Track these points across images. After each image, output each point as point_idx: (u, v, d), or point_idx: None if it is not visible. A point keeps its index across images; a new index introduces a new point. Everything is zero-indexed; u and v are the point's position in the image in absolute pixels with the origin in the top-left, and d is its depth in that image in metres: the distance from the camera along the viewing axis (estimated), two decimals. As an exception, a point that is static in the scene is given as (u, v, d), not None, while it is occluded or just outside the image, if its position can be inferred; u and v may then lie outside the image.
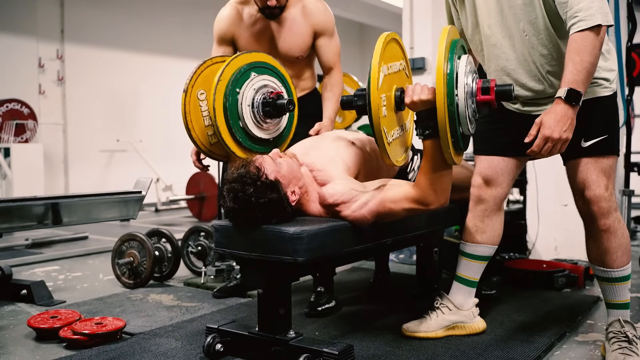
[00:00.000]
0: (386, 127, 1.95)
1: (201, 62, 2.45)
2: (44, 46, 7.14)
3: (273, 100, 2.32)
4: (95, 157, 7.64)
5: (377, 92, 1.87)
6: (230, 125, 2.27)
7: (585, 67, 1.89)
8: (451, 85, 1.86)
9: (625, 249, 2.15)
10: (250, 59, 2.37)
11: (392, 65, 2.00)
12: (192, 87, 2.38)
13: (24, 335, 2.52)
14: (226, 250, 2.11)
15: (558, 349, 2.32)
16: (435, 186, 2.00)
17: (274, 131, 2.44)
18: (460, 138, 1.96)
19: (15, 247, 4.62)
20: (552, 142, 1.90)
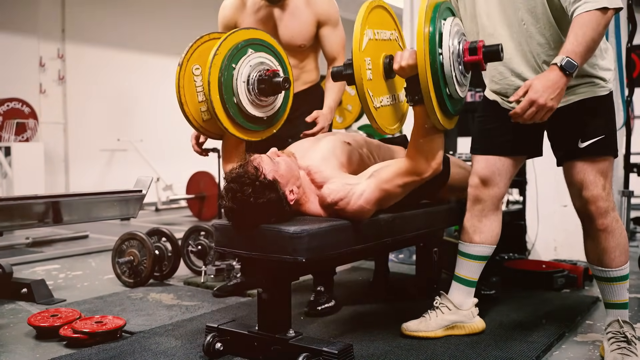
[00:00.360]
0: (372, 91, 1.93)
1: (198, 37, 2.39)
2: (44, 45, 7.14)
3: (269, 77, 2.26)
4: (96, 156, 7.64)
5: (359, 54, 1.87)
6: (225, 100, 2.20)
7: (586, 41, 1.85)
8: (433, 45, 1.83)
9: (623, 248, 2.15)
10: (247, 35, 2.31)
11: (380, 32, 1.99)
12: (188, 62, 2.33)
13: (24, 333, 2.52)
14: (226, 250, 2.11)
15: (557, 349, 2.32)
16: (425, 154, 2.01)
17: (269, 110, 2.36)
18: (448, 100, 1.93)
19: (15, 246, 4.62)
20: (537, 108, 1.85)
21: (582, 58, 1.86)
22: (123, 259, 3.38)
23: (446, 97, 1.91)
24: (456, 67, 1.89)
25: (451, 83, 1.90)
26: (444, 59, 1.86)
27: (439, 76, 1.86)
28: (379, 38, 2.00)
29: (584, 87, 2.10)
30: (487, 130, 2.38)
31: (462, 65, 1.92)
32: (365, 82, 1.90)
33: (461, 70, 1.93)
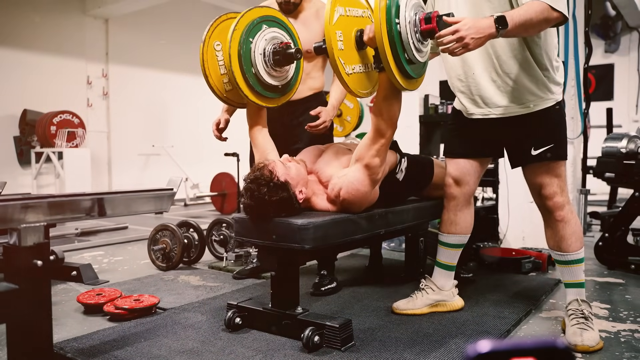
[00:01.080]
0: (343, 59, 1.89)
1: (217, 17, 2.33)
2: (91, 66, 7.16)
3: (282, 49, 2.20)
4: (134, 159, 7.64)
5: (330, 27, 1.84)
6: (244, 71, 2.14)
7: (525, 17, 1.80)
8: (389, 15, 1.78)
9: (578, 235, 2.14)
10: (261, 12, 2.24)
11: (351, 9, 1.95)
12: (209, 38, 2.28)
13: (74, 309, 2.53)
14: (244, 239, 2.11)
15: (525, 323, 2.32)
16: (384, 114, 1.98)
17: (283, 79, 2.30)
18: (407, 64, 1.87)
19: (67, 235, 4.63)
20: (457, 38, 1.76)
21: (515, 26, 1.79)
22: (157, 247, 3.38)
23: (405, 62, 1.85)
24: (413, 35, 1.84)
25: (409, 49, 1.84)
26: (400, 28, 1.81)
27: (397, 43, 1.81)
28: (351, 15, 1.95)
29: (535, 101, 2.08)
30: (455, 136, 2.37)
31: (419, 34, 1.86)
32: (337, 51, 1.86)
33: (418, 37, 1.87)
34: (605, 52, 9.01)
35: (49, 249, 1.63)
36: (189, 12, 8.23)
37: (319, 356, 1.89)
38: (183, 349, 1.97)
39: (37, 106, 6.33)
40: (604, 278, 3.08)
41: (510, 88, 2.08)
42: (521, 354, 0.43)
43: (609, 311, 2.46)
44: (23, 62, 6.43)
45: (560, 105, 2.13)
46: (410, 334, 2.11)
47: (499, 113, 2.14)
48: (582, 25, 3.88)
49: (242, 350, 1.94)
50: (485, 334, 2.11)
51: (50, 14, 6.72)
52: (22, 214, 1.56)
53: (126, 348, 1.98)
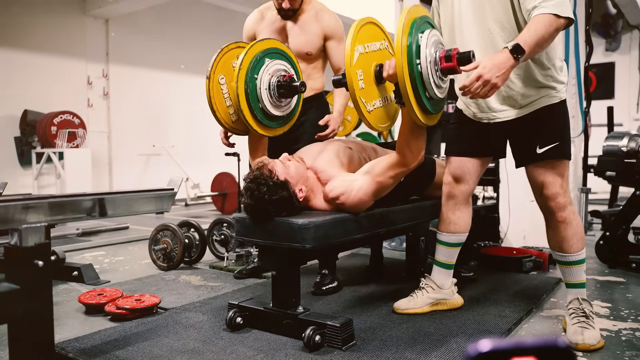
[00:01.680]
0: (364, 97, 1.92)
1: (219, 51, 2.38)
2: (91, 66, 7.16)
3: (287, 82, 2.27)
4: (135, 160, 7.65)
5: (351, 68, 1.86)
6: (252, 107, 2.23)
7: (537, 35, 1.80)
8: (410, 56, 1.80)
9: (580, 236, 2.14)
10: (263, 46, 2.29)
11: (370, 45, 1.96)
12: (214, 74, 2.33)
13: (75, 309, 2.53)
14: (245, 239, 2.11)
15: (526, 322, 2.32)
16: (411, 146, 2.00)
17: (286, 109, 2.37)
18: (427, 101, 1.89)
19: (67, 236, 4.63)
20: (483, 82, 1.78)
21: (531, 48, 1.80)
22: (158, 247, 3.38)
23: (425, 100, 1.88)
24: (434, 73, 1.85)
25: (430, 87, 1.86)
26: (422, 67, 1.82)
27: (418, 83, 1.83)
28: (370, 50, 1.96)
29: (539, 99, 2.08)
30: (457, 135, 2.36)
31: (439, 71, 1.88)
32: (358, 91, 1.88)
33: (439, 75, 1.89)
34: (606, 51, 9.01)
35: (50, 250, 1.63)
36: (189, 12, 8.23)
37: (320, 356, 1.89)
38: (184, 348, 1.97)
39: (37, 106, 6.33)
40: (605, 277, 3.08)
41: (513, 92, 2.08)
42: (522, 353, 0.43)
43: (610, 310, 2.46)
44: (23, 63, 6.43)
45: (564, 104, 2.13)
46: (411, 333, 2.11)
47: (504, 117, 2.14)
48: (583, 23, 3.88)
49: (243, 350, 1.94)
50: (486, 333, 2.11)
51: (50, 14, 6.72)
52: (23, 215, 1.56)
53: (128, 348, 1.98)
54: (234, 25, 8.59)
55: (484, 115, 2.20)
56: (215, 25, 8.51)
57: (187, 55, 8.25)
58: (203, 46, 8.44)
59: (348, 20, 9.59)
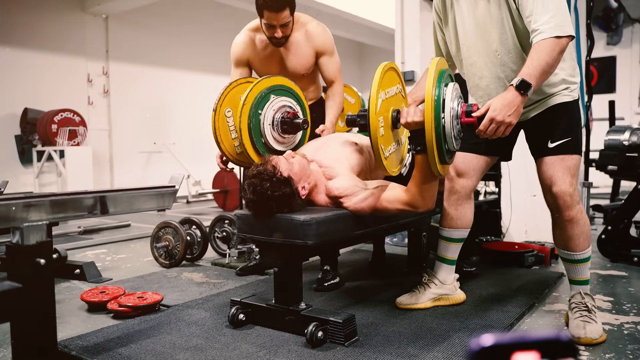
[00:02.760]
0: (383, 144, 1.94)
1: (227, 85, 2.45)
2: (91, 64, 7.16)
3: (290, 119, 2.34)
4: (136, 157, 7.65)
5: (375, 116, 1.86)
6: (254, 142, 2.30)
7: (540, 65, 1.82)
8: (438, 110, 1.82)
9: (587, 235, 2.13)
10: (269, 83, 2.35)
11: (389, 91, 1.98)
12: (220, 107, 2.40)
13: (78, 307, 2.53)
14: (247, 235, 2.11)
15: (528, 317, 2.32)
16: (423, 193, 2.00)
17: (290, 144, 2.45)
18: (446, 153, 1.93)
19: (69, 234, 4.64)
20: (497, 124, 1.82)
21: (537, 79, 1.83)
22: (160, 244, 3.39)
23: (445, 152, 1.91)
24: (454, 126, 1.87)
25: (450, 141, 1.89)
26: (445, 122, 1.84)
27: (441, 136, 1.85)
28: (389, 96, 1.98)
29: (554, 97, 2.08)
30: (465, 131, 2.36)
31: (459, 125, 1.90)
32: (379, 139, 1.90)
33: (458, 129, 1.91)
34: (607, 45, 8.97)
35: (51, 248, 1.63)
36: (189, 9, 8.22)
37: (323, 351, 1.89)
38: (187, 345, 1.98)
39: (38, 105, 6.34)
40: (606, 271, 3.08)
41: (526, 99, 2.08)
42: (525, 347, 0.43)
43: (612, 304, 2.46)
44: (23, 61, 6.43)
45: (577, 104, 2.14)
46: (414, 329, 2.11)
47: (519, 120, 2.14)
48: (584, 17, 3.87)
49: (246, 347, 1.95)
50: (489, 328, 2.12)
51: (50, 12, 6.71)
52: (25, 213, 1.56)
53: (130, 345, 1.98)
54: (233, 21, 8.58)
55: None
56: (216, 21, 8.50)
57: (188, 52, 8.25)
58: (203, 43, 8.45)
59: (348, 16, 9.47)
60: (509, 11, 2.00)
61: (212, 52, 8.41)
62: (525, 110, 2.11)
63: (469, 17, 2.11)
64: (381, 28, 9.55)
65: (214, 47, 8.43)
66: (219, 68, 8.24)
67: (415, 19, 4.36)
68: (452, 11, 2.19)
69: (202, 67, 8.41)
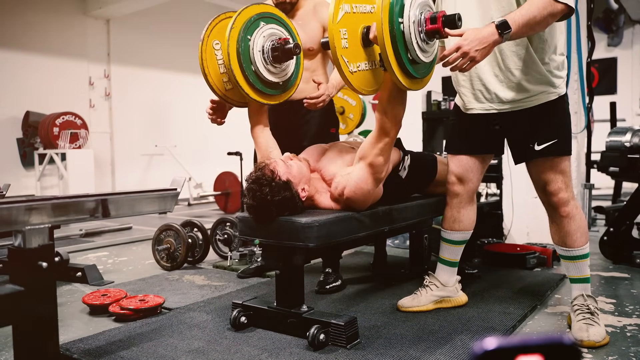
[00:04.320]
0: (347, 57, 1.85)
1: (215, 16, 2.31)
2: (93, 67, 7.17)
3: (281, 45, 2.19)
4: (137, 160, 7.66)
5: (335, 25, 1.80)
6: (244, 68, 2.14)
7: (528, 16, 1.77)
8: (392, 14, 1.73)
9: (583, 231, 2.13)
10: (258, 9, 2.23)
11: (358, 6, 1.90)
12: (208, 37, 2.27)
13: (79, 310, 2.53)
14: (249, 238, 2.11)
15: (530, 319, 2.31)
16: (387, 113, 1.95)
17: (283, 75, 2.29)
18: (410, 64, 1.82)
19: (71, 237, 4.64)
20: (462, 54, 1.76)
21: (519, 28, 1.77)
22: (161, 247, 3.39)
23: (407, 62, 1.81)
24: (417, 34, 1.79)
25: (412, 49, 1.79)
26: (404, 27, 1.76)
27: (399, 43, 1.76)
28: (358, 11, 1.90)
29: (538, 96, 2.07)
30: (457, 132, 2.36)
31: (423, 34, 1.81)
32: (340, 49, 1.82)
33: (423, 37, 1.82)
34: (608, 46, 8.98)
35: (53, 251, 1.63)
36: (190, 12, 8.23)
37: (325, 354, 1.89)
38: (189, 348, 1.97)
39: (39, 108, 6.35)
40: (609, 273, 3.08)
41: (513, 83, 2.07)
42: (528, 350, 0.43)
43: (615, 306, 2.45)
44: (25, 64, 6.44)
45: (563, 100, 2.11)
46: (416, 331, 2.11)
47: (500, 108, 2.13)
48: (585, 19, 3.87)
49: (248, 349, 1.95)
50: (491, 330, 2.11)
51: (51, 15, 6.73)
52: (27, 216, 1.57)
53: (132, 348, 1.98)
54: (234, 24, 8.61)
55: (478, 106, 2.17)
56: (216, 24, 8.50)
57: (189, 54, 8.24)
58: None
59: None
60: None
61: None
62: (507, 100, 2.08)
63: None
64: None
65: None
66: (220, 71, 8.25)
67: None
68: None
69: (203, 69, 8.41)
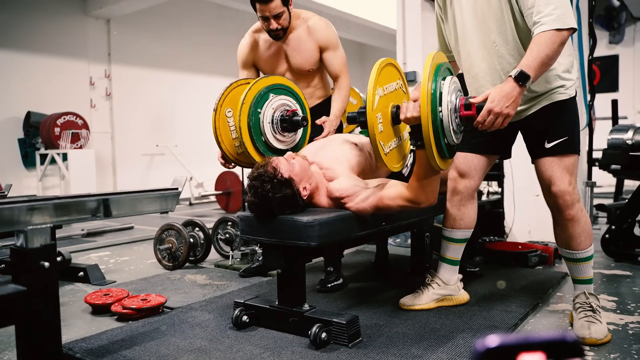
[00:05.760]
0: (382, 140, 1.93)
1: (228, 85, 2.46)
2: (94, 67, 7.18)
3: (289, 117, 2.36)
4: (138, 159, 7.67)
5: (372, 113, 1.85)
6: (254, 140, 2.32)
7: (540, 57, 1.80)
8: (434, 103, 1.80)
9: (588, 234, 2.12)
10: (268, 82, 2.37)
11: (387, 87, 1.97)
12: (221, 107, 2.41)
13: (82, 310, 2.54)
14: (250, 237, 2.11)
15: (532, 317, 2.31)
16: (425, 189, 1.98)
17: (290, 143, 2.47)
18: (446, 148, 1.90)
19: (73, 236, 4.65)
20: (494, 116, 1.80)
21: (536, 71, 1.81)
22: (163, 246, 3.39)
23: (444, 146, 1.88)
24: (453, 119, 1.85)
25: (449, 135, 1.86)
26: (443, 115, 1.82)
27: (439, 129, 1.83)
28: (387, 92, 1.96)
29: (549, 95, 2.08)
30: (466, 132, 2.36)
31: (458, 119, 1.88)
32: (377, 135, 1.88)
33: (457, 122, 1.88)
34: (610, 43, 8.96)
35: (55, 251, 1.63)
36: (191, 11, 8.23)
37: (327, 353, 1.89)
38: (191, 347, 1.98)
39: (40, 108, 6.36)
40: (611, 270, 3.07)
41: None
42: (530, 348, 0.43)
43: (617, 304, 2.45)
44: (26, 64, 6.45)
45: (573, 100, 2.12)
46: (418, 329, 2.11)
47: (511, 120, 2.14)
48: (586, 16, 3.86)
49: (250, 348, 1.95)
50: (493, 329, 2.11)
51: (52, 15, 6.73)
52: (29, 216, 1.57)
53: (134, 348, 1.99)
54: (235, 23, 8.62)
55: None
56: (217, 23, 8.52)
57: (189, 54, 8.26)
58: (205, 44, 8.46)
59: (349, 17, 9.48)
60: (508, 3, 1.99)
61: (213, 54, 8.43)
62: (519, 110, 2.10)
63: (467, 7, 2.09)
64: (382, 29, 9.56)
65: (216, 49, 8.45)
66: (220, 70, 8.25)
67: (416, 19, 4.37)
68: (452, 2, 2.17)
69: (204, 69, 8.42)
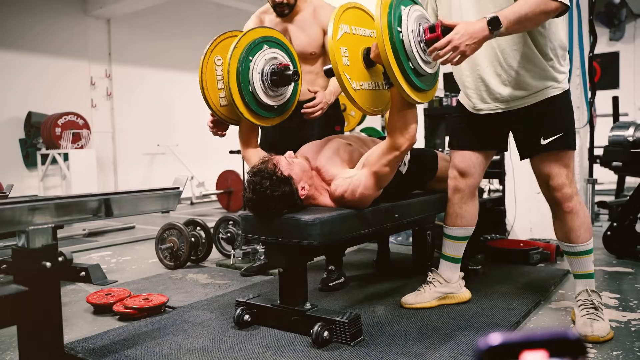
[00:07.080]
0: (349, 74, 1.86)
1: (221, 33, 2.35)
2: (94, 67, 7.18)
3: (280, 70, 2.22)
4: (139, 159, 7.67)
5: (335, 42, 1.82)
6: (241, 87, 2.17)
7: (520, 13, 1.77)
8: (390, 23, 1.73)
9: (587, 227, 2.13)
10: (263, 33, 2.27)
11: (357, 28, 1.93)
12: (211, 53, 2.31)
13: (84, 309, 2.54)
14: (251, 236, 2.11)
15: (534, 314, 2.31)
16: (400, 128, 1.95)
17: (280, 99, 2.32)
18: (413, 74, 1.82)
19: (74, 236, 4.66)
20: (452, 48, 1.75)
21: (510, 24, 1.77)
22: (164, 246, 3.39)
23: (410, 71, 1.81)
24: (417, 44, 1.79)
25: (413, 58, 1.79)
26: (403, 35, 1.76)
27: (399, 51, 1.76)
28: (357, 33, 1.93)
29: (542, 91, 2.07)
30: (460, 128, 2.35)
31: (423, 43, 1.82)
32: (341, 66, 1.84)
33: (423, 47, 1.82)
34: (610, 40, 8.95)
35: (57, 251, 1.63)
36: (191, 11, 8.22)
37: (329, 351, 1.89)
38: (193, 347, 1.98)
39: (41, 108, 6.36)
40: (613, 267, 3.07)
41: (515, 81, 2.06)
42: (533, 346, 0.43)
43: (619, 301, 2.45)
44: (26, 65, 6.45)
45: (567, 95, 2.12)
46: (420, 328, 2.11)
47: (505, 107, 2.13)
48: (587, 13, 3.85)
49: (251, 347, 1.95)
50: (495, 326, 2.11)
51: (52, 15, 6.73)
52: (30, 216, 1.57)
53: (136, 347, 1.99)
54: (235, 22, 8.58)
55: (485, 107, 2.19)
56: (217, 22, 8.50)
57: (190, 53, 8.25)
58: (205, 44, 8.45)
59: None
60: None
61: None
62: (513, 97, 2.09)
63: None
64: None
65: (216, 49, 8.44)
66: (221, 69, 8.24)
67: None
68: None
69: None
